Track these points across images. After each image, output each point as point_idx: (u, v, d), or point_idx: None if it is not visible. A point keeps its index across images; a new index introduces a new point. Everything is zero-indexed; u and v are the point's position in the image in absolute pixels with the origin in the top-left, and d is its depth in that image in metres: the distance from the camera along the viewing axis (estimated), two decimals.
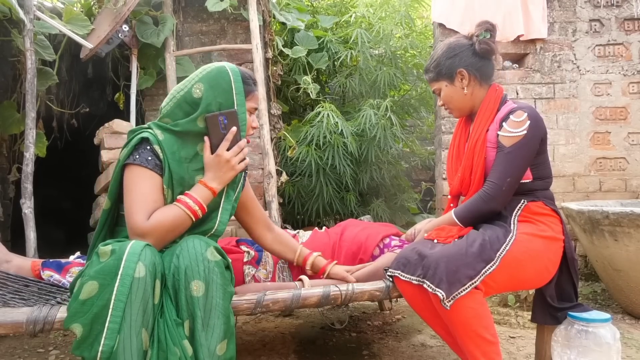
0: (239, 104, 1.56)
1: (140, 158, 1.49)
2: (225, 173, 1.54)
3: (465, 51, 1.81)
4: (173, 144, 1.54)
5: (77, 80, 3.78)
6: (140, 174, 1.49)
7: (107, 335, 1.24)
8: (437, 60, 1.84)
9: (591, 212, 2.49)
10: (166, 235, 1.45)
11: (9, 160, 3.39)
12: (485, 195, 1.70)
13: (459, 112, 1.89)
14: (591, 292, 3.04)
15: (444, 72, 1.83)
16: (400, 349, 2.24)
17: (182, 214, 1.46)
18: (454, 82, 1.82)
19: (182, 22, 3.43)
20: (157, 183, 1.49)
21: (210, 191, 1.51)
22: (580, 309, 1.69)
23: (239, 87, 1.57)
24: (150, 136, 1.51)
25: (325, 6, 4.36)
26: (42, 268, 1.87)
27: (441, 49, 1.85)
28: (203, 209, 1.50)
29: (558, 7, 3.31)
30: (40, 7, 2.99)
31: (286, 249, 1.89)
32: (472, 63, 1.80)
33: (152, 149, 1.51)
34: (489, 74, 1.84)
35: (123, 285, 1.27)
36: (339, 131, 3.39)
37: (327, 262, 1.88)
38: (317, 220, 3.76)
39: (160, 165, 1.50)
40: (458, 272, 1.50)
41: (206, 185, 1.51)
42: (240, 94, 1.57)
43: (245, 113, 1.58)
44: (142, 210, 1.44)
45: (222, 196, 1.59)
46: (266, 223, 1.88)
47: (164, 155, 1.51)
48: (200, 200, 1.49)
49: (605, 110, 3.28)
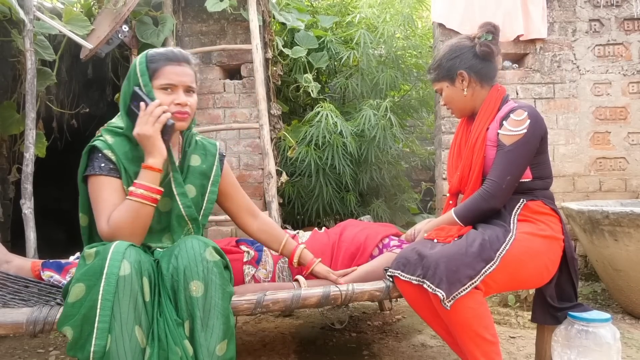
0: (144, 84, 1.53)
1: (94, 167, 1.52)
2: (147, 143, 1.49)
3: (466, 53, 1.81)
4: (124, 145, 1.55)
5: (77, 80, 3.78)
6: (98, 182, 1.51)
7: (98, 335, 1.25)
8: (439, 61, 1.86)
9: (591, 212, 2.49)
10: (133, 230, 1.45)
11: (9, 160, 3.39)
12: (485, 193, 1.70)
13: (460, 112, 1.90)
14: (591, 292, 3.04)
15: (445, 73, 1.84)
16: (401, 349, 2.24)
17: (135, 204, 1.45)
18: (455, 83, 1.84)
19: (181, 22, 3.44)
20: (115, 186, 1.51)
21: (150, 170, 1.48)
22: (580, 309, 1.69)
23: (142, 69, 1.54)
24: (98, 143, 1.54)
25: (325, 6, 4.35)
26: (42, 269, 1.87)
27: (443, 50, 1.86)
28: (152, 189, 1.47)
29: (558, 7, 3.31)
30: (40, 7, 2.99)
31: (271, 238, 1.86)
32: (472, 65, 1.81)
33: (103, 155, 1.52)
34: (491, 75, 1.84)
35: (109, 284, 1.28)
36: (338, 131, 3.39)
37: (313, 258, 1.86)
38: (317, 221, 3.76)
39: (115, 168, 1.52)
40: (458, 272, 1.50)
41: (145, 165, 1.49)
42: (144, 75, 1.53)
43: (151, 90, 1.52)
44: (104, 216, 1.47)
45: (170, 183, 1.58)
46: (250, 210, 1.85)
47: (117, 158, 1.52)
48: (144, 182, 1.47)
49: (605, 110, 3.28)
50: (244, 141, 3.45)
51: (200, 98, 3.45)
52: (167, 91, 1.54)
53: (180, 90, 1.55)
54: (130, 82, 1.56)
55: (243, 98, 3.45)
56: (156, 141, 1.49)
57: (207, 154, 1.72)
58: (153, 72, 1.54)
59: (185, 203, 1.59)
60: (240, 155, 3.44)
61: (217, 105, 3.46)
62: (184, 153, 1.68)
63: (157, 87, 1.53)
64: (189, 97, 1.58)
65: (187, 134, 1.71)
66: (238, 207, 1.83)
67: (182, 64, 1.57)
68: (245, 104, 3.45)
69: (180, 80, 1.55)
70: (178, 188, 1.58)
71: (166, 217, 1.60)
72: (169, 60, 1.55)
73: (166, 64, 1.55)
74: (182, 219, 1.60)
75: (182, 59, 1.58)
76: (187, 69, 1.58)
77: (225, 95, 3.46)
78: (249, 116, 3.43)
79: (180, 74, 1.55)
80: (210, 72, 3.46)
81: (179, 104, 1.54)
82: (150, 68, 1.54)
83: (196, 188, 1.65)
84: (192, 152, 1.69)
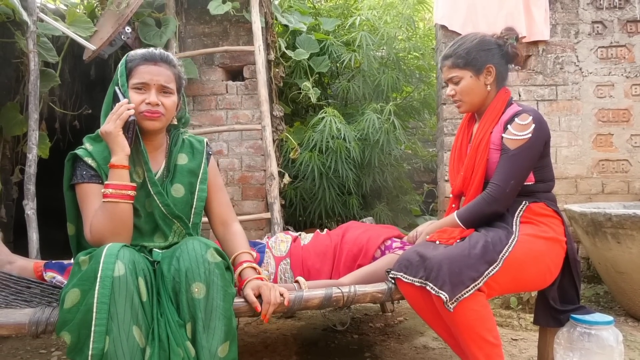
0: (121, 84, 1.54)
1: (77, 176, 1.54)
2: (110, 141, 1.49)
3: (496, 49, 1.81)
4: (103, 151, 1.56)
5: (79, 81, 3.78)
6: (82, 191, 1.53)
7: (95, 339, 1.26)
8: (468, 49, 1.79)
9: (594, 214, 2.48)
10: (114, 230, 1.45)
11: (12, 161, 3.39)
12: (489, 197, 1.70)
13: (470, 106, 1.85)
14: (594, 294, 3.04)
15: (474, 63, 1.79)
16: (402, 351, 2.24)
17: (108, 205, 1.46)
18: (479, 76, 1.80)
19: (184, 23, 3.44)
20: (97, 192, 1.51)
21: (114, 168, 1.48)
22: (582, 312, 1.69)
23: (122, 69, 1.56)
24: (79, 151, 1.56)
25: (327, 8, 4.36)
26: (44, 269, 1.87)
27: (473, 40, 1.81)
28: (120, 186, 1.47)
29: (560, 9, 3.31)
30: (43, 9, 2.99)
31: (227, 250, 1.67)
32: (499, 63, 1.81)
33: (84, 162, 1.54)
34: (506, 77, 1.86)
35: (104, 287, 1.28)
36: (341, 137, 3.39)
37: (247, 278, 1.57)
38: (319, 223, 3.76)
39: (97, 174, 1.54)
40: (461, 274, 1.50)
41: (110, 165, 1.49)
42: (122, 76, 1.55)
43: (127, 90, 1.53)
44: (88, 223, 1.48)
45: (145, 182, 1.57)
46: (221, 218, 1.73)
47: (97, 164, 1.54)
48: (111, 182, 1.47)
49: (608, 112, 3.27)
50: (246, 142, 3.45)
51: (203, 99, 3.46)
52: (140, 90, 1.54)
53: (152, 90, 1.54)
54: (113, 84, 1.57)
55: (245, 99, 3.45)
56: (117, 137, 1.48)
57: (195, 152, 1.71)
58: (129, 72, 1.55)
59: (164, 202, 1.57)
60: (243, 156, 3.45)
61: (220, 106, 3.46)
62: (171, 152, 1.67)
63: (130, 87, 1.54)
64: (163, 97, 1.56)
65: (174, 133, 1.71)
66: (210, 211, 1.74)
67: (158, 64, 1.56)
68: (247, 106, 3.45)
69: (152, 79, 1.53)
70: (153, 187, 1.57)
71: (152, 217, 1.59)
72: (145, 60, 1.56)
73: (140, 63, 1.55)
74: (165, 217, 1.59)
75: (160, 58, 1.57)
76: (164, 69, 1.56)
77: (228, 96, 3.46)
78: (251, 117, 3.43)
79: (153, 73, 1.54)
80: (213, 74, 3.46)
81: (149, 104, 1.53)
82: (127, 68, 1.56)
83: (185, 187, 1.65)
84: (179, 151, 1.68)
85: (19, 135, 3.21)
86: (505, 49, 1.81)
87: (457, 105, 1.88)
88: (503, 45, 1.81)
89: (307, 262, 2.03)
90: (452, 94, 1.86)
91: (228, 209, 1.76)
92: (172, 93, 1.58)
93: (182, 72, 1.65)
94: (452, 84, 1.85)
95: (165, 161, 1.66)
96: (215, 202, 1.74)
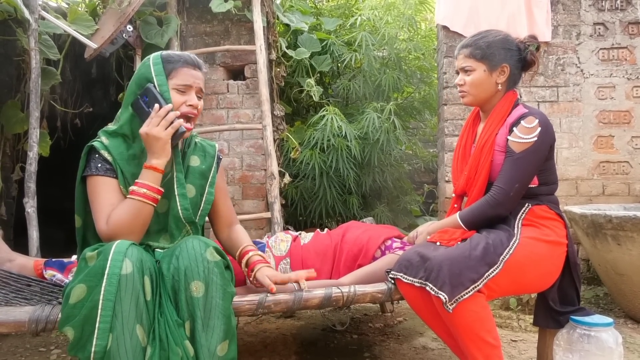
0: (160, 84, 1.55)
1: (92, 168, 1.54)
2: (155, 145, 1.50)
3: (515, 51, 1.80)
4: (120, 146, 1.57)
5: (80, 79, 3.79)
6: (96, 183, 1.53)
7: (99, 335, 1.26)
8: (490, 42, 1.77)
9: (594, 216, 2.48)
10: (132, 228, 1.47)
11: (13, 159, 3.40)
12: (492, 200, 1.70)
13: (475, 100, 1.82)
14: (594, 296, 3.03)
15: (491, 58, 1.76)
16: (402, 351, 2.24)
17: (136, 203, 1.47)
18: (493, 73, 1.78)
19: (186, 22, 3.44)
20: (112, 186, 1.53)
21: (152, 170, 1.50)
22: (582, 313, 1.69)
23: (158, 69, 1.56)
24: (96, 144, 1.57)
25: (328, 8, 4.36)
26: (44, 267, 1.87)
27: (496, 35, 1.80)
28: (154, 189, 1.49)
29: (562, 11, 3.31)
30: (45, 6, 2.99)
31: (233, 247, 1.74)
32: (515, 66, 1.80)
33: (100, 155, 1.55)
34: (518, 81, 1.85)
35: (110, 284, 1.28)
36: (342, 135, 3.40)
37: (256, 261, 1.65)
38: (320, 222, 3.76)
39: (112, 169, 1.54)
40: (461, 275, 1.50)
41: (148, 166, 1.50)
42: (159, 75, 1.56)
43: (167, 90, 1.55)
44: (103, 215, 1.48)
45: (172, 182, 1.59)
46: (227, 221, 1.79)
47: (113, 158, 1.55)
48: (146, 182, 1.48)
49: (609, 113, 3.27)
50: (247, 142, 3.45)
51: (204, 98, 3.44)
52: (182, 92, 1.58)
53: (193, 92, 1.60)
54: (141, 80, 1.57)
55: (246, 99, 3.45)
56: (166, 144, 1.51)
57: (207, 155, 1.74)
58: (169, 72, 1.57)
59: (184, 205, 1.60)
60: (243, 155, 3.45)
61: (221, 105, 3.46)
62: (184, 154, 1.69)
63: (172, 87, 1.57)
64: (199, 100, 1.63)
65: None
66: (217, 214, 1.78)
67: (196, 68, 1.62)
68: (248, 105, 3.45)
69: (195, 82, 1.60)
70: (179, 189, 1.59)
71: (164, 219, 1.60)
72: (187, 62, 1.60)
73: (183, 66, 1.59)
74: (179, 220, 1.60)
75: (198, 63, 1.63)
76: (200, 73, 1.63)
77: (229, 95, 3.46)
78: (252, 117, 3.43)
79: (196, 77, 1.60)
80: (214, 73, 3.46)
81: (191, 105, 1.59)
82: (167, 68, 1.57)
83: (195, 188, 1.67)
84: (192, 153, 1.71)
85: (19, 133, 3.22)
86: (525, 54, 1.80)
87: (461, 95, 1.85)
88: (523, 50, 1.80)
89: (307, 262, 2.02)
90: (460, 83, 1.83)
91: (232, 212, 1.84)
92: (202, 97, 1.67)
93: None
94: (463, 73, 1.82)
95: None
96: (222, 205, 1.78)
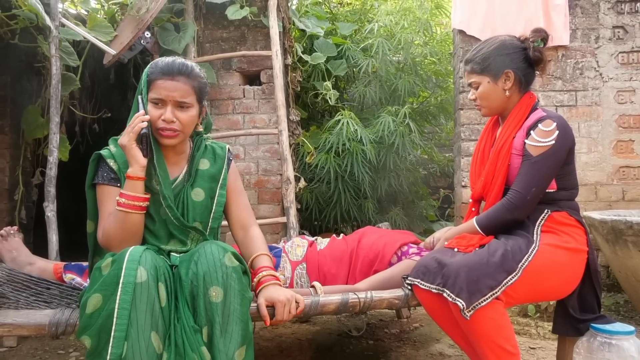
0: (143, 95, 1.54)
1: (99, 176, 1.57)
2: (127, 154, 1.51)
3: (517, 53, 1.76)
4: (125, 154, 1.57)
5: (99, 85, 3.84)
6: (101, 192, 1.57)
7: (114, 344, 1.27)
8: (486, 54, 1.77)
9: (614, 222, 2.44)
10: (123, 237, 1.48)
11: (33, 163, 3.45)
12: (509, 204, 1.68)
13: (490, 111, 1.83)
14: (614, 303, 2.98)
15: (491, 68, 1.76)
16: (418, 357, 2.23)
17: (118, 213, 1.48)
18: (497, 81, 1.76)
19: (202, 28, 3.47)
20: (114, 196, 1.53)
21: (130, 179, 1.49)
22: (603, 321, 1.66)
23: (144, 80, 1.55)
24: (103, 152, 1.59)
25: (344, 13, 4.36)
26: (64, 271, 1.90)
27: (492, 44, 1.78)
28: (136, 197, 1.49)
29: (580, 14, 3.27)
30: (65, 13, 3.04)
31: (245, 252, 1.69)
32: (520, 67, 1.76)
33: (106, 164, 1.57)
34: (530, 82, 1.81)
35: (125, 293, 1.30)
36: (358, 139, 3.39)
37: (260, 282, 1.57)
38: (335, 227, 3.75)
39: (116, 177, 1.56)
40: (479, 282, 1.49)
41: (127, 175, 1.50)
42: (144, 87, 1.55)
43: (147, 103, 1.53)
44: (101, 226, 1.53)
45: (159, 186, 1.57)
46: (242, 223, 1.73)
47: (118, 167, 1.56)
48: (125, 192, 1.49)
49: (629, 118, 3.22)
50: (263, 147, 3.46)
51: (220, 103, 3.48)
52: (157, 105, 1.53)
53: (168, 106, 1.52)
54: (137, 92, 1.59)
55: (262, 104, 3.47)
56: (130, 150, 1.49)
57: (217, 158, 1.72)
58: (148, 84, 1.55)
59: (174, 215, 1.57)
60: (259, 160, 3.46)
61: (237, 110, 3.48)
62: (193, 157, 1.68)
63: (149, 100, 1.54)
64: (180, 112, 1.54)
65: (198, 139, 1.72)
66: (229, 215, 1.75)
67: (175, 78, 1.52)
68: (264, 110, 3.47)
69: (168, 95, 1.51)
70: (165, 201, 1.57)
71: (166, 224, 1.60)
72: (163, 73, 1.53)
73: (158, 78, 1.53)
74: (177, 228, 1.60)
75: (178, 72, 1.53)
76: (181, 83, 1.53)
77: (245, 100, 3.48)
78: (268, 122, 3.45)
79: (169, 89, 1.51)
80: (230, 78, 3.49)
81: (164, 120, 1.52)
82: (148, 80, 1.55)
83: (205, 191, 1.65)
84: (201, 156, 1.69)
85: (39, 138, 3.27)
86: (527, 52, 1.76)
87: (478, 109, 1.85)
88: (527, 49, 1.77)
89: (323, 267, 2.02)
90: (473, 98, 1.83)
91: (247, 212, 1.76)
92: (190, 107, 1.55)
93: (203, 82, 1.62)
94: (473, 88, 1.82)
95: (188, 166, 1.67)
96: (234, 206, 1.74)
